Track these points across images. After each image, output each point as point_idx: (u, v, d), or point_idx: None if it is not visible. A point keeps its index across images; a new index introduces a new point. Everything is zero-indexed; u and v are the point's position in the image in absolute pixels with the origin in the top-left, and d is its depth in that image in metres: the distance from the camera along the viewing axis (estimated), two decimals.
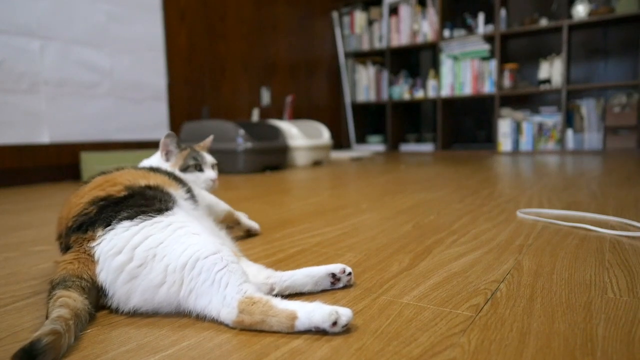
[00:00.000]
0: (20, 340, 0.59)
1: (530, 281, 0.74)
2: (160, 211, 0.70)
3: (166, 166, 1.03)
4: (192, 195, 0.87)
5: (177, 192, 0.81)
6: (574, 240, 1.00)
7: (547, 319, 0.60)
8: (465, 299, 0.67)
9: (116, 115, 2.75)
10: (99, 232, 0.67)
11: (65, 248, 0.72)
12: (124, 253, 0.63)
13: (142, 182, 0.76)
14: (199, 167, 1.04)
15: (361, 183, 2.18)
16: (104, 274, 0.64)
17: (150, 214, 0.68)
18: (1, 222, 1.42)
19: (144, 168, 0.84)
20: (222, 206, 1.06)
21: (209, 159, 1.09)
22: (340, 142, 5.01)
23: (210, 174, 1.06)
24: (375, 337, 0.56)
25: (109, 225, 0.67)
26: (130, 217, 0.68)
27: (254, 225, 1.15)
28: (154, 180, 0.78)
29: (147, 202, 0.72)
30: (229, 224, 1.09)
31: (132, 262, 0.63)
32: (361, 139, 5.17)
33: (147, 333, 0.59)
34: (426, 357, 0.51)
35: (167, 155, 1.04)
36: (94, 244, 0.66)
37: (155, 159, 1.05)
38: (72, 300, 0.59)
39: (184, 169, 1.03)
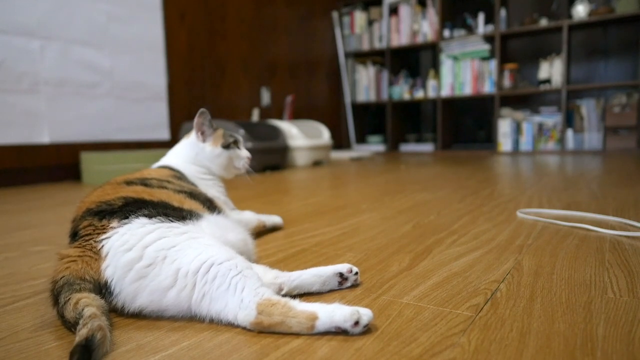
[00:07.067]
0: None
1: (530, 281, 0.74)
2: (181, 219, 0.71)
3: (205, 148, 1.04)
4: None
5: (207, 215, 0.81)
6: (574, 240, 1.00)
7: (547, 319, 0.60)
8: (465, 299, 0.67)
9: (116, 115, 2.75)
10: (114, 224, 0.67)
11: (73, 234, 0.71)
12: (135, 250, 0.63)
13: (176, 204, 0.77)
14: (237, 145, 1.06)
15: (361, 183, 2.18)
16: (111, 270, 0.63)
17: (170, 218, 0.69)
18: (1, 222, 1.42)
19: (183, 192, 0.84)
20: (249, 217, 1.10)
21: (240, 136, 1.11)
22: (340, 142, 5.01)
23: (245, 151, 1.09)
24: (375, 337, 0.56)
25: (126, 218, 0.68)
26: (149, 216, 0.68)
27: (276, 220, 1.21)
28: (188, 205, 0.79)
29: (172, 207, 0.73)
30: (260, 230, 1.14)
31: (142, 261, 0.62)
32: (361, 139, 5.17)
33: (147, 333, 0.59)
34: (426, 357, 0.51)
35: (203, 136, 1.04)
36: (103, 236, 0.66)
37: (190, 141, 1.06)
38: (92, 300, 0.59)
39: (227, 146, 1.04)
